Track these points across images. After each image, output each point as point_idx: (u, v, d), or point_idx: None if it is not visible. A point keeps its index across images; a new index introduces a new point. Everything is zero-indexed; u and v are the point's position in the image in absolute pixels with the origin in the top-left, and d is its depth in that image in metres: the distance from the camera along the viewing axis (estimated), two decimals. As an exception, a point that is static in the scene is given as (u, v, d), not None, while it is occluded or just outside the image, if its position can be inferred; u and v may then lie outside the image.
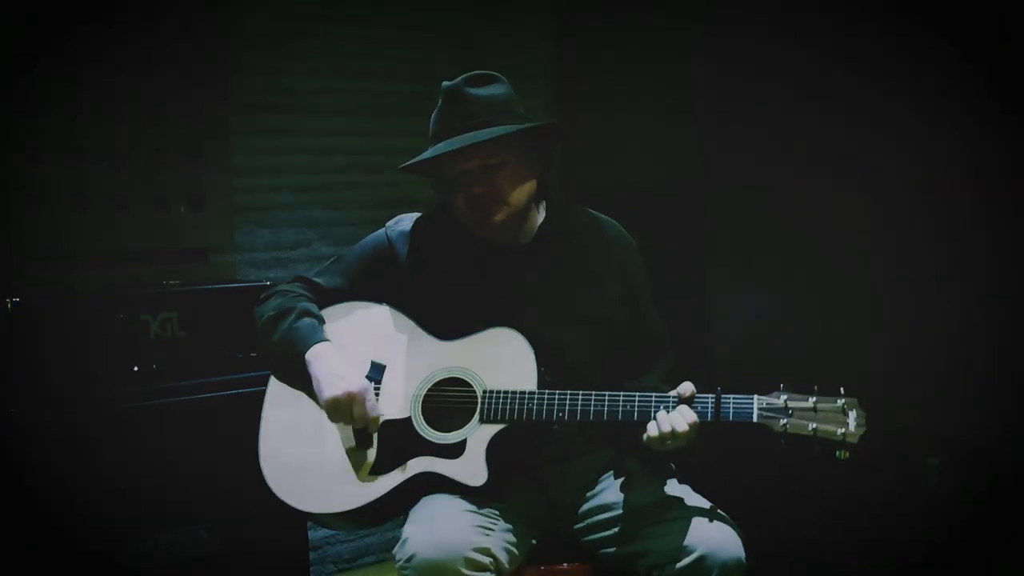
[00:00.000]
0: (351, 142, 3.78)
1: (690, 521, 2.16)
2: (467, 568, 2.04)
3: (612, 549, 2.24)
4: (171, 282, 3.03)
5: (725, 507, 2.23)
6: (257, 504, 2.62)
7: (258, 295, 2.48)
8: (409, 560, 2.06)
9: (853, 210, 3.22)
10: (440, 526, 2.09)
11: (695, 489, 2.31)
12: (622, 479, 2.32)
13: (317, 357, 2.30)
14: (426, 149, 2.33)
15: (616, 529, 2.24)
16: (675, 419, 2.09)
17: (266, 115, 3.58)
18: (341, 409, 2.25)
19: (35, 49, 2.93)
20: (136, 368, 2.77)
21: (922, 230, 3.08)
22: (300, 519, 2.93)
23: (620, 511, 2.25)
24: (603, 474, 2.35)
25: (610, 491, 2.30)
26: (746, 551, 2.15)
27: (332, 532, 3.72)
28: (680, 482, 2.32)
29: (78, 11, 2.99)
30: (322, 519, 2.33)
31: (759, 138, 3.40)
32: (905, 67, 3.09)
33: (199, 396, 2.82)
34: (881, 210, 3.15)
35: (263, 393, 2.41)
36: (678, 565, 2.11)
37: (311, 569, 3.25)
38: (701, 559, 2.10)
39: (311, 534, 3.32)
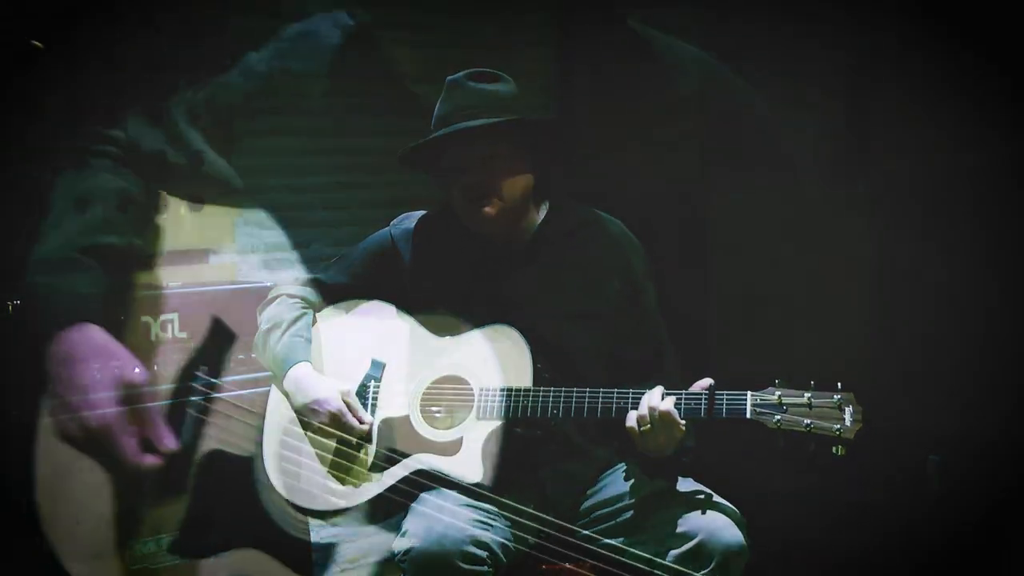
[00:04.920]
0: (351, 142, 3.78)
1: (690, 507, 2.17)
2: (463, 561, 2.05)
3: (612, 540, 2.24)
4: (171, 282, 3.03)
5: (725, 499, 2.23)
6: (258, 504, 2.63)
7: (258, 295, 2.49)
8: (407, 553, 2.09)
9: (854, 210, 3.21)
10: (437, 520, 2.10)
11: (696, 481, 2.31)
12: (623, 473, 2.32)
13: (292, 385, 2.33)
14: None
15: (617, 520, 2.25)
16: (651, 396, 2.09)
17: (266, 115, 3.57)
18: (324, 432, 2.31)
19: (35, 48, 2.93)
20: (136, 368, 2.77)
21: (922, 230, 3.08)
22: (301, 518, 2.95)
23: (621, 503, 2.26)
24: (603, 472, 2.36)
25: (611, 486, 2.31)
26: (747, 536, 2.14)
27: (334, 532, 3.71)
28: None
29: (77, 11, 2.99)
30: (324, 516, 2.34)
31: (759, 138, 3.40)
32: (906, 67, 3.09)
33: (199, 396, 2.82)
34: (882, 210, 3.15)
35: (263, 394, 2.42)
36: (679, 551, 2.11)
37: (312, 569, 3.24)
38: (701, 544, 2.11)
39: (312, 534, 3.31)
